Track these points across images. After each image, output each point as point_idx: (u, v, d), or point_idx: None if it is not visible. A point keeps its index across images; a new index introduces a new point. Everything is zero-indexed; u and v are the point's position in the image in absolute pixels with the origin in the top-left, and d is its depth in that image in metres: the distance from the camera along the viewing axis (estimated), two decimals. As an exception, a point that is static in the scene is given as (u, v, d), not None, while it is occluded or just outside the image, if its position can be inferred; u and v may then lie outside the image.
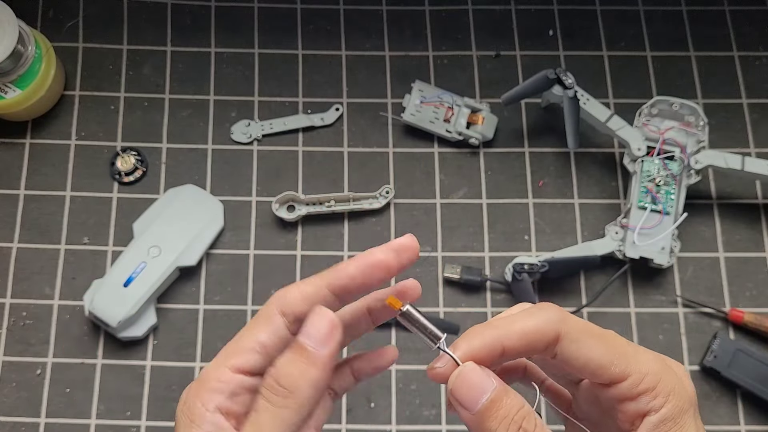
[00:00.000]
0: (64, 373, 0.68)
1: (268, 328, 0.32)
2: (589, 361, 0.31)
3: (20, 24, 0.69)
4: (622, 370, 0.31)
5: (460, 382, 0.31)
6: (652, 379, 0.31)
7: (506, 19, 0.80)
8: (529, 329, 0.31)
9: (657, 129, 0.70)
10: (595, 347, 0.31)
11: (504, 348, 0.31)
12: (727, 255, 0.72)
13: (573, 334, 0.31)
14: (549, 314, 0.32)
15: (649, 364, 0.32)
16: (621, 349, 0.32)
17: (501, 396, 0.30)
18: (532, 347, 0.31)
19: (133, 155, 0.74)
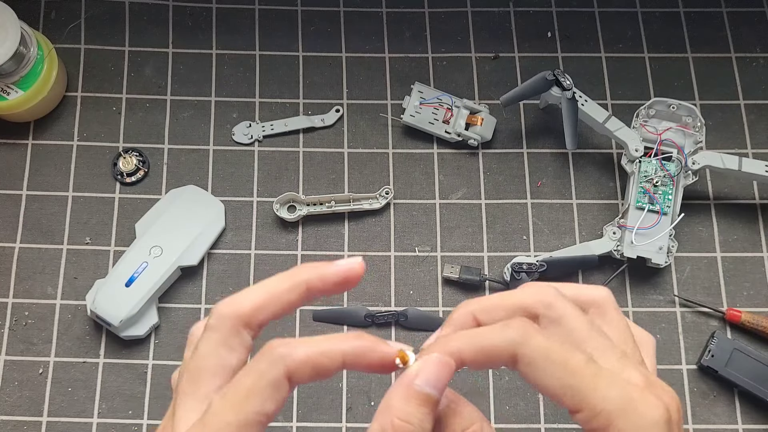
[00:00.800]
0: (66, 372, 0.68)
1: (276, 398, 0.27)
2: (543, 388, 0.30)
3: (22, 25, 0.70)
4: (575, 403, 0.29)
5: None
6: (604, 420, 0.29)
7: (505, 21, 0.81)
8: (486, 347, 0.30)
9: (655, 130, 0.71)
10: (551, 374, 0.29)
11: (463, 360, 0.30)
12: (725, 255, 0.73)
13: (530, 358, 0.29)
14: (510, 334, 0.30)
15: (605, 402, 0.29)
16: (579, 379, 0.29)
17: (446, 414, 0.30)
18: (490, 363, 0.30)
19: (135, 156, 0.74)
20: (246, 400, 0.27)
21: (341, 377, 0.68)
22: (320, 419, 0.68)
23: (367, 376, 0.69)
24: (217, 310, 0.30)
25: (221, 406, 0.27)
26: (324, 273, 0.31)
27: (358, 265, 0.31)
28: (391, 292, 0.71)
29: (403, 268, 0.72)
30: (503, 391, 0.68)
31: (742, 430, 0.68)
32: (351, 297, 0.71)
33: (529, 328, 0.30)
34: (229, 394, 0.28)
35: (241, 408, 0.27)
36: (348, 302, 0.71)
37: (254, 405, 0.27)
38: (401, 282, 0.72)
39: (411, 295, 0.71)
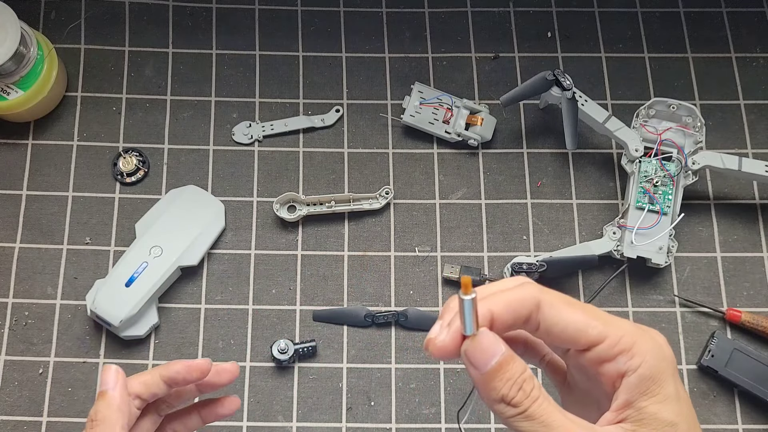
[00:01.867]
0: (66, 372, 0.68)
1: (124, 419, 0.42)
2: (567, 326, 0.33)
3: (22, 26, 0.70)
4: (599, 332, 0.33)
5: (474, 345, 0.33)
6: (628, 340, 0.33)
7: (505, 21, 0.81)
8: (513, 298, 0.34)
9: (655, 130, 0.71)
10: (573, 312, 0.33)
11: (493, 317, 0.33)
12: (725, 255, 0.73)
13: (552, 301, 0.33)
14: (529, 287, 0.34)
15: (624, 327, 0.33)
16: (597, 314, 0.34)
17: (508, 360, 0.32)
18: (517, 314, 0.33)
19: (135, 156, 0.74)
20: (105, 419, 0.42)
21: (341, 377, 0.68)
22: (320, 419, 0.68)
23: (366, 376, 0.69)
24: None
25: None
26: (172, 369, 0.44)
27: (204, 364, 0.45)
28: (391, 292, 0.71)
29: (403, 268, 0.72)
30: (503, 391, 0.68)
31: (742, 430, 0.68)
32: (351, 297, 0.71)
33: (538, 284, 0.34)
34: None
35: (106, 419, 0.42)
36: (348, 302, 0.71)
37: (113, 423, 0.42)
38: (401, 282, 0.72)
39: (411, 295, 0.71)
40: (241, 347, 0.69)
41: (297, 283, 0.72)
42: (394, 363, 0.69)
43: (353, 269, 0.72)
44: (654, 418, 0.32)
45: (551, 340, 0.35)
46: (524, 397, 0.32)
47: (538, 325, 0.34)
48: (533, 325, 0.34)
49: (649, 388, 0.32)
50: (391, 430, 0.67)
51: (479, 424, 0.67)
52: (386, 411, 0.68)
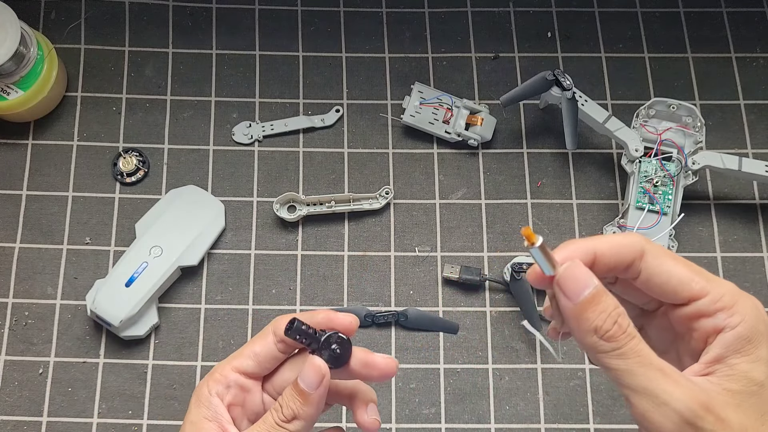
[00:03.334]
0: (66, 372, 0.68)
1: (262, 342, 0.41)
2: (671, 277, 0.34)
3: (22, 26, 0.70)
4: (702, 287, 0.33)
5: (567, 274, 0.33)
6: (730, 299, 0.33)
7: (505, 21, 0.81)
8: (619, 241, 0.34)
9: (655, 130, 0.71)
10: (677, 265, 0.34)
11: (596, 255, 0.34)
12: (724, 255, 0.73)
13: (657, 252, 0.34)
14: (635, 235, 0.35)
15: (727, 286, 0.34)
16: (701, 271, 0.34)
17: (601, 293, 0.33)
18: (620, 257, 0.34)
19: (135, 156, 0.74)
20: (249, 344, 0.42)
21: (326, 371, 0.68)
22: (321, 419, 0.67)
23: (367, 376, 0.68)
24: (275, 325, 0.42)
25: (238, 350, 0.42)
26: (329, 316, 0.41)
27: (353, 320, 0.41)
28: (391, 292, 0.71)
29: (403, 268, 0.72)
30: (503, 391, 0.68)
31: (742, 430, 0.68)
32: (351, 297, 0.71)
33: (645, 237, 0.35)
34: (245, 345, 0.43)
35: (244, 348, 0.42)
36: (348, 302, 0.71)
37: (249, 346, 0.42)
38: (401, 282, 0.72)
39: (411, 295, 0.71)
40: (241, 347, 0.69)
41: (297, 283, 0.72)
42: (394, 363, 0.69)
43: (353, 269, 0.72)
44: (744, 375, 0.32)
45: (650, 290, 0.35)
46: (620, 332, 0.32)
47: (638, 273, 0.34)
48: (634, 272, 0.34)
49: (744, 347, 0.32)
50: (391, 430, 0.67)
51: (479, 424, 0.67)
52: (386, 411, 0.68)
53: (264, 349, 0.41)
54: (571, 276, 0.33)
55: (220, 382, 0.41)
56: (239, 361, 0.41)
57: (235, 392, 0.41)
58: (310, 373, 0.39)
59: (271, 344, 0.41)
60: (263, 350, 0.41)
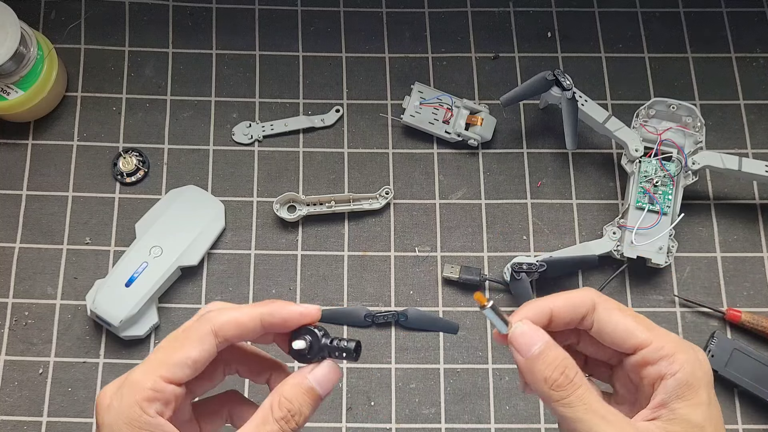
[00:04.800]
0: (66, 373, 0.68)
1: (201, 347, 0.36)
2: (617, 327, 0.37)
3: (22, 26, 0.70)
4: (646, 337, 0.36)
5: (518, 332, 0.37)
6: (671, 348, 0.36)
7: (505, 21, 0.81)
8: (572, 297, 0.38)
9: (655, 130, 0.71)
10: (624, 317, 0.37)
11: (552, 313, 0.38)
12: (724, 255, 0.73)
13: (606, 305, 0.38)
14: (587, 290, 0.39)
15: (669, 337, 0.37)
16: (646, 322, 0.37)
17: (550, 347, 0.36)
18: (575, 312, 0.38)
19: (135, 156, 0.74)
20: (179, 347, 0.36)
21: (341, 378, 0.68)
22: (320, 419, 0.68)
23: (366, 376, 0.69)
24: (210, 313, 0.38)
25: (160, 350, 0.37)
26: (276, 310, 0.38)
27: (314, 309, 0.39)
28: (391, 292, 0.71)
29: (403, 268, 0.72)
30: (503, 391, 0.68)
31: (742, 430, 0.68)
32: (351, 297, 0.71)
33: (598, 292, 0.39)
34: (168, 342, 0.37)
35: (174, 352, 0.36)
36: (348, 302, 0.71)
37: (183, 351, 0.36)
38: (401, 282, 0.72)
39: (411, 295, 0.71)
40: (241, 347, 0.69)
41: (297, 283, 0.72)
42: (394, 363, 0.69)
43: (353, 269, 0.72)
44: (684, 419, 0.35)
45: (603, 340, 0.38)
46: (567, 382, 0.35)
47: (592, 324, 0.38)
48: (588, 324, 0.38)
49: (685, 392, 0.35)
50: (391, 430, 0.67)
51: (479, 424, 0.67)
52: (386, 411, 0.68)
53: (203, 355, 0.36)
54: (521, 334, 0.37)
55: (157, 399, 0.35)
56: (171, 370, 0.35)
57: (173, 406, 0.36)
58: (330, 377, 0.38)
59: (211, 349, 0.36)
60: (201, 355, 0.36)
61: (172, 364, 0.36)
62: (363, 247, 0.73)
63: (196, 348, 0.36)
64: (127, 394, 0.35)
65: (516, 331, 0.37)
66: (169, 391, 0.35)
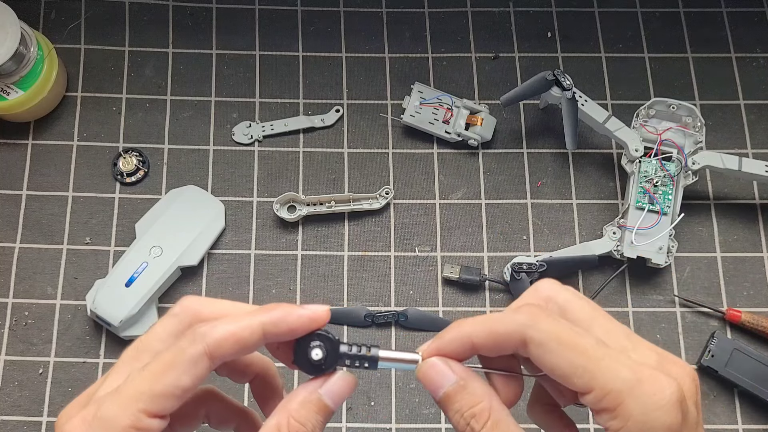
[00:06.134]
0: (66, 373, 0.68)
1: (194, 373, 0.29)
2: (553, 369, 0.31)
3: (22, 26, 0.70)
4: (585, 383, 0.30)
5: (422, 375, 0.33)
6: (613, 400, 0.29)
7: (505, 21, 0.81)
8: (496, 330, 0.32)
9: (655, 130, 0.71)
10: (560, 355, 0.30)
11: (474, 344, 0.32)
12: (725, 255, 0.73)
13: (539, 340, 0.31)
14: (519, 318, 0.31)
15: (614, 382, 0.30)
16: (588, 359, 0.30)
17: (457, 390, 0.32)
18: (500, 347, 0.32)
19: (135, 156, 0.74)
20: (163, 373, 0.29)
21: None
22: (320, 419, 0.67)
23: (367, 376, 0.69)
24: (184, 302, 0.33)
25: (139, 376, 0.29)
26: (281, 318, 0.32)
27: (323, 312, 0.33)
28: (391, 292, 0.71)
29: (403, 268, 0.72)
30: (503, 391, 0.68)
31: (742, 430, 0.68)
32: (351, 297, 0.71)
33: (538, 312, 0.31)
34: (149, 367, 0.30)
35: (157, 380, 0.29)
36: (348, 302, 0.71)
37: (170, 378, 0.29)
38: (401, 282, 0.72)
39: (411, 295, 0.71)
40: (241, 347, 0.69)
41: (297, 283, 0.72)
42: (394, 363, 0.69)
43: (353, 269, 0.72)
44: None
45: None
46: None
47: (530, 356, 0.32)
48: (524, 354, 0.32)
49: None
50: (391, 430, 0.67)
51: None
52: (386, 411, 0.68)
53: (195, 382, 0.30)
54: (424, 377, 0.33)
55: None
56: (156, 402, 0.29)
57: None
58: (346, 391, 0.33)
59: (205, 371, 0.30)
60: (194, 384, 0.30)
61: (156, 394, 0.29)
62: (363, 247, 0.73)
63: (188, 375, 0.29)
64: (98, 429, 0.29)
65: (423, 367, 0.32)
66: (155, 428, 0.29)
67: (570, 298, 0.33)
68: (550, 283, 0.34)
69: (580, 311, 0.33)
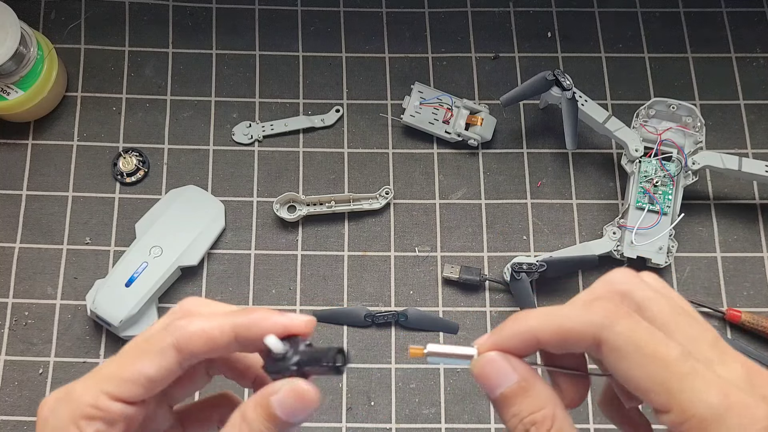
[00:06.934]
0: (66, 372, 0.68)
1: (159, 363, 0.30)
2: (627, 379, 0.27)
3: (22, 26, 0.70)
4: (663, 402, 0.26)
5: (477, 372, 0.30)
6: (695, 427, 0.26)
7: (505, 21, 0.81)
8: (565, 328, 0.28)
9: (654, 130, 0.71)
10: (638, 365, 0.27)
11: (539, 341, 0.29)
12: (724, 255, 0.73)
13: (615, 344, 0.27)
14: (593, 317, 0.28)
15: (700, 407, 0.25)
16: (671, 375, 0.26)
17: (516, 392, 0.29)
18: (569, 346, 0.29)
19: (135, 156, 0.74)
20: (131, 360, 0.30)
21: (341, 377, 0.68)
22: (320, 419, 0.68)
23: (366, 376, 0.68)
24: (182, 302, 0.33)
25: (111, 361, 0.31)
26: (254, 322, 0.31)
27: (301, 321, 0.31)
28: (391, 292, 0.71)
29: (403, 268, 0.72)
30: (503, 391, 0.68)
31: (742, 430, 0.68)
32: (351, 297, 0.71)
33: (616, 310, 0.28)
34: (121, 352, 0.31)
35: (125, 366, 0.30)
36: (348, 302, 0.71)
37: (137, 366, 0.30)
38: (401, 282, 0.72)
39: (411, 295, 0.71)
40: (241, 347, 0.69)
41: (297, 283, 0.72)
42: (394, 363, 0.69)
43: (353, 269, 0.72)
44: None
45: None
46: None
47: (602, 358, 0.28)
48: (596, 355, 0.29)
49: None
50: (391, 430, 0.67)
51: (479, 424, 0.67)
52: (386, 411, 0.68)
53: (161, 372, 0.30)
54: (481, 373, 0.29)
55: (97, 419, 0.29)
56: (122, 388, 0.29)
57: (121, 427, 0.30)
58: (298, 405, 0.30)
59: (171, 364, 0.30)
60: (160, 374, 0.30)
61: (122, 379, 0.29)
62: (363, 247, 0.73)
63: (154, 364, 0.30)
64: (64, 410, 0.29)
65: (479, 362, 0.29)
66: (116, 411, 0.29)
67: (650, 296, 0.29)
68: (626, 274, 0.30)
69: (659, 312, 0.29)
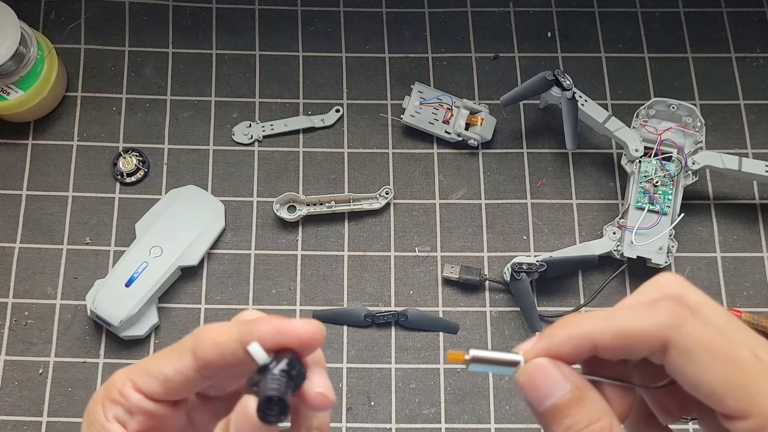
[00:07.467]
0: (66, 373, 0.68)
1: (175, 364, 0.29)
2: (699, 384, 0.25)
3: (22, 25, 0.70)
4: (741, 407, 0.25)
5: (526, 379, 0.27)
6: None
7: (505, 21, 0.81)
8: (629, 330, 0.26)
9: (654, 130, 0.71)
10: (712, 368, 0.25)
11: (596, 345, 0.27)
12: (724, 255, 0.73)
13: (685, 346, 0.25)
14: (660, 317, 0.26)
15: None
16: (748, 379, 0.25)
17: (570, 403, 0.26)
18: (630, 351, 0.27)
19: (135, 156, 0.74)
20: (160, 357, 0.30)
21: (341, 377, 0.68)
22: (320, 419, 0.67)
23: (366, 376, 0.69)
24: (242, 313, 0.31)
25: (152, 354, 0.35)
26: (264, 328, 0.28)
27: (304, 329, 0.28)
28: (391, 292, 0.71)
29: (403, 268, 0.72)
30: (503, 391, 0.68)
31: (742, 430, 0.68)
32: (351, 297, 0.71)
33: (682, 311, 0.26)
34: (159, 350, 0.33)
35: (153, 361, 0.30)
36: (348, 302, 0.71)
37: (160, 363, 0.30)
38: (401, 282, 0.72)
39: (411, 295, 0.71)
40: (241, 347, 0.69)
41: (297, 283, 0.72)
42: (394, 363, 0.69)
43: (353, 269, 0.72)
44: None
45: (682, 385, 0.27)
46: None
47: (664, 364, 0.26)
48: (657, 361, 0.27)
49: None
50: (391, 430, 0.67)
51: (479, 424, 0.67)
52: (386, 411, 0.68)
53: (176, 373, 0.29)
54: (529, 382, 0.27)
55: (119, 404, 0.30)
56: (144, 379, 0.30)
57: (141, 420, 0.30)
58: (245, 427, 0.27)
59: (187, 368, 0.29)
60: (175, 374, 0.29)
61: (147, 372, 0.30)
62: (363, 247, 0.73)
63: (171, 364, 0.29)
64: (101, 389, 0.30)
65: (528, 369, 0.27)
66: (134, 401, 0.29)
67: (704, 300, 0.28)
68: (677, 278, 0.29)
69: (716, 316, 0.27)
